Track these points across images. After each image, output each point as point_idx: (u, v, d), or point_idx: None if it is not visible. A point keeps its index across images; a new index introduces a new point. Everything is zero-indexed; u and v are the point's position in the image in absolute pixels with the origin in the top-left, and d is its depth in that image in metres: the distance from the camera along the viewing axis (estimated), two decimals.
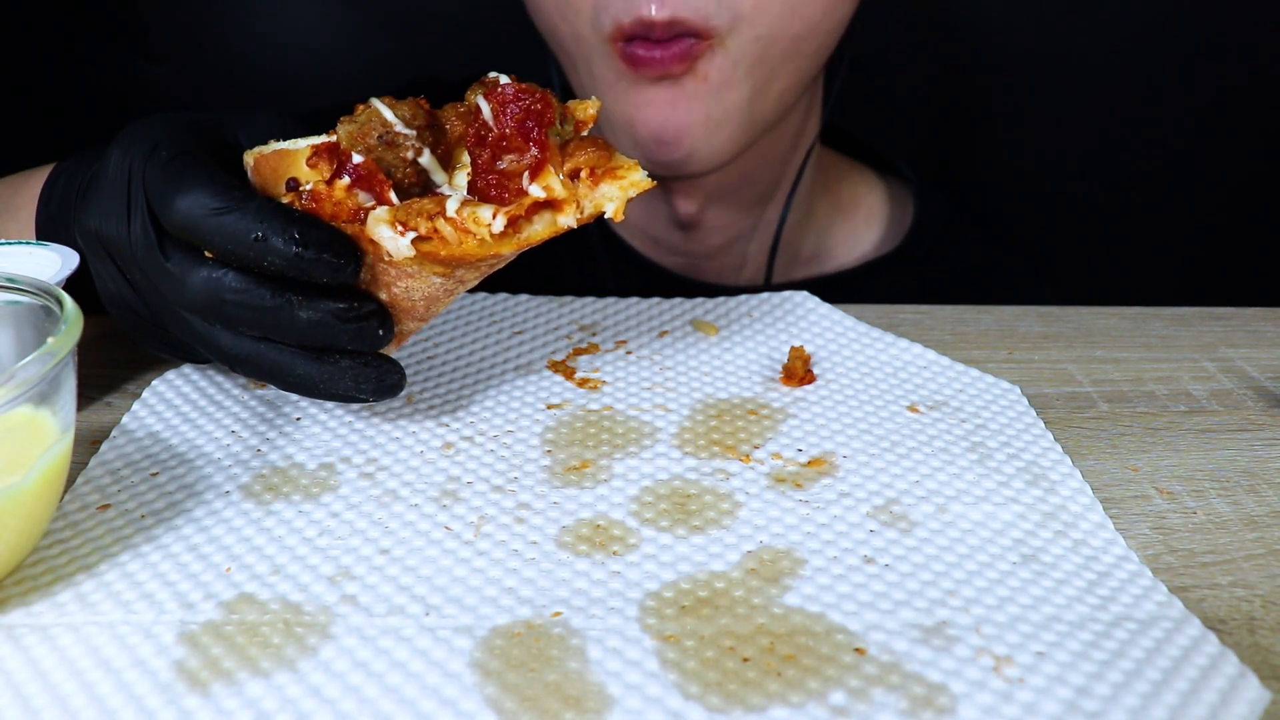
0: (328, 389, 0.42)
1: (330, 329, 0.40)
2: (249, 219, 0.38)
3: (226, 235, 0.38)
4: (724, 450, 0.45)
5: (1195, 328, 0.58)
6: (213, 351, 0.42)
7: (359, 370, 0.42)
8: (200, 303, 0.40)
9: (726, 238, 0.70)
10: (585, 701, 0.32)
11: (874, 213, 0.75)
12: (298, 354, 0.41)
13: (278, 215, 0.39)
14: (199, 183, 0.39)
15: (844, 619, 0.36)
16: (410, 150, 0.40)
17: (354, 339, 0.41)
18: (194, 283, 0.40)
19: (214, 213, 0.38)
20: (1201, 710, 0.32)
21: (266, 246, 0.38)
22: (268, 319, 0.40)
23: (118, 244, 0.42)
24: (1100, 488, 0.44)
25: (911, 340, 0.54)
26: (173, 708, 0.32)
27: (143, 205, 0.41)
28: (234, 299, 0.39)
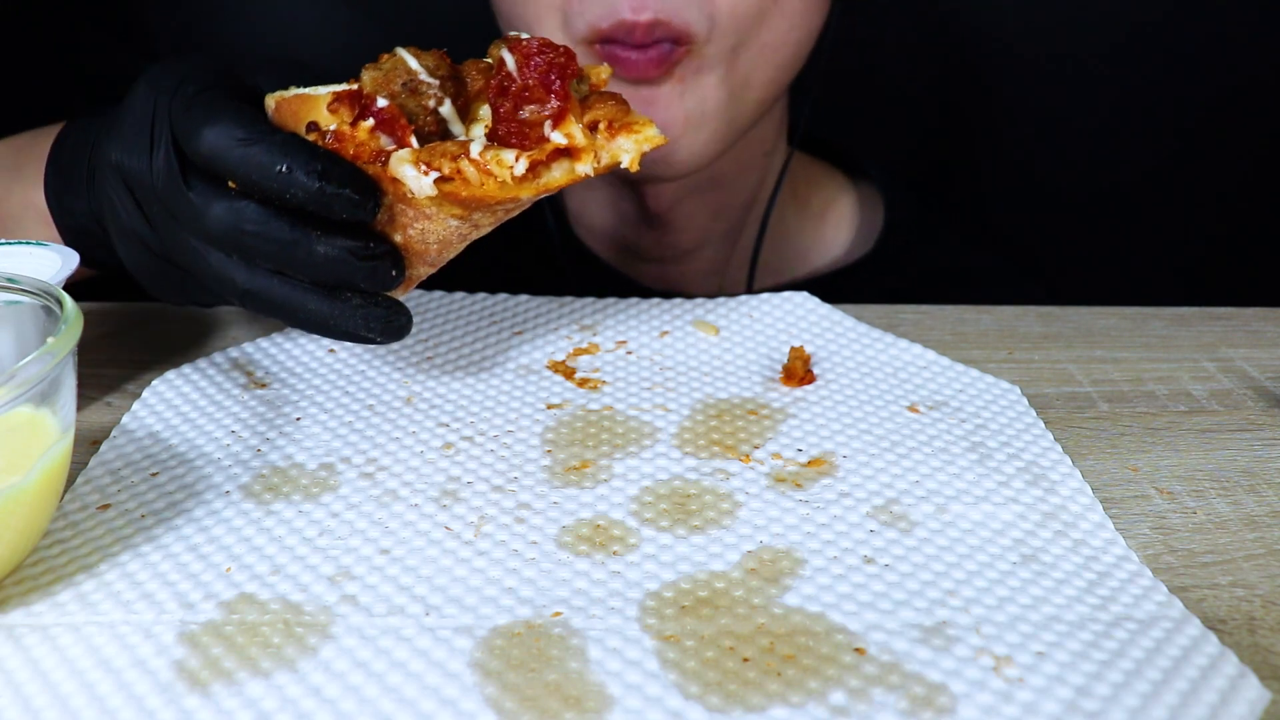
0: (337, 326, 0.42)
1: (345, 266, 0.41)
2: (275, 151, 0.39)
3: (252, 166, 0.39)
4: (724, 450, 0.45)
5: (1195, 328, 0.58)
6: (225, 287, 0.42)
7: (369, 310, 0.42)
8: (220, 233, 0.41)
9: (697, 239, 0.70)
10: (585, 701, 0.32)
11: (844, 217, 0.75)
12: (310, 291, 0.42)
13: (302, 149, 0.39)
14: (227, 115, 0.40)
15: (844, 619, 0.36)
16: (432, 99, 0.41)
17: (367, 278, 0.42)
18: (215, 213, 0.40)
19: (241, 143, 0.39)
20: (1201, 710, 0.32)
21: (290, 179, 0.39)
22: (285, 252, 0.40)
23: (139, 176, 0.43)
24: (1100, 488, 0.44)
25: (911, 340, 0.54)
26: (173, 708, 0.32)
27: (167, 137, 0.42)
28: (254, 230, 0.40)
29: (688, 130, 0.59)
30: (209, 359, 0.51)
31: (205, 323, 0.56)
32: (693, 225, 0.69)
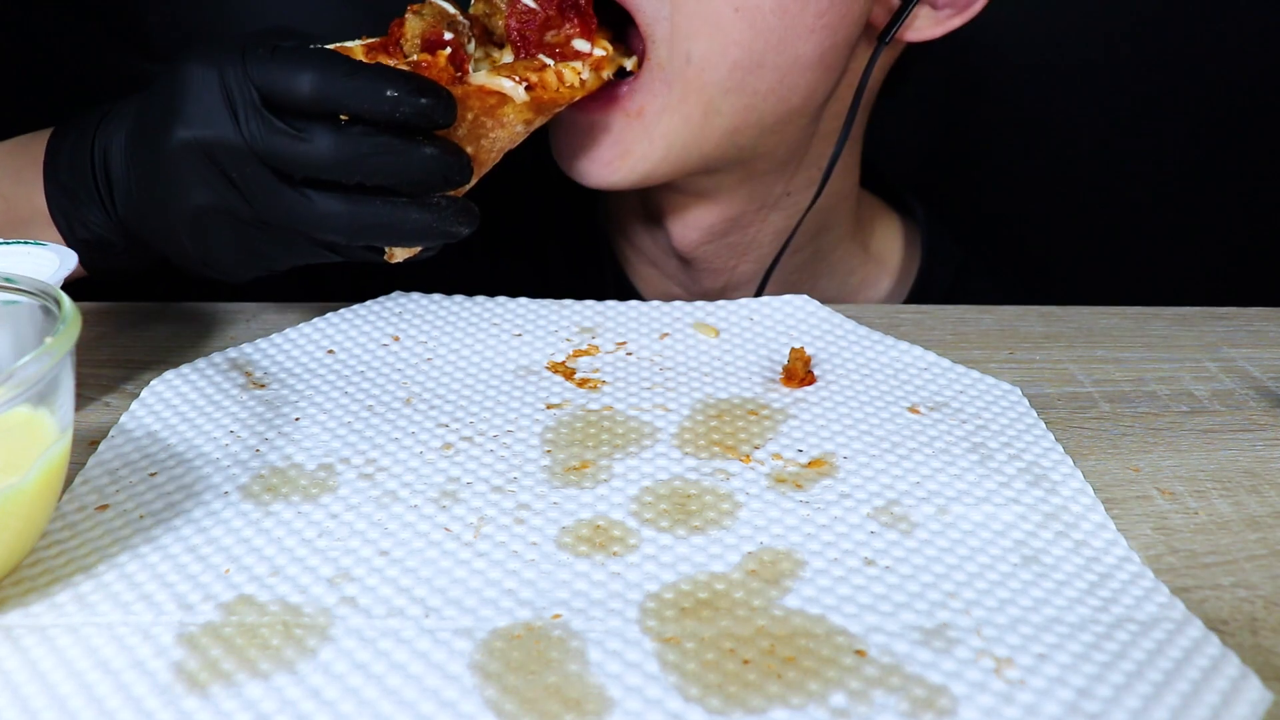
0: (438, 229, 0.47)
1: (443, 162, 0.46)
2: (381, 78, 0.44)
3: (365, 94, 0.44)
4: (724, 451, 0.45)
5: (1197, 328, 0.58)
6: (329, 225, 0.46)
7: (455, 208, 0.48)
8: (339, 160, 0.44)
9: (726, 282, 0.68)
10: (585, 704, 0.32)
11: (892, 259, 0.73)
12: (410, 205, 0.46)
13: (396, 73, 0.45)
14: (320, 57, 0.44)
15: (845, 621, 0.35)
16: (466, 38, 0.50)
17: (460, 170, 0.47)
18: (331, 144, 0.44)
19: (348, 75, 0.44)
20: (1203, 711, 0.32)
21: (399, 99, 0.44)
22: (399, 161, 0.45)
23: (224, 144, 0.45)
24: (1102, 488, 0.44)
25: (912, 341, 0.54)
26: (171, 709, 0.31)
27: (250, 98, 0.44)
28: (370, 149, 0.44)
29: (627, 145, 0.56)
30: (208, 359, 0.51)
31: (204, 323, 0.56)
32: (721, 266, 0.67)
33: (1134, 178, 0.96)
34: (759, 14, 0.53)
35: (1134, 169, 0.96)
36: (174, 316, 0.57)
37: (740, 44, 0.53)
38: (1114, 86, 0.92)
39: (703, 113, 0.55)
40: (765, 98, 0.56)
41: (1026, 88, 0.93)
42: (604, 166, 0.57)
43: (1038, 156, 0.96)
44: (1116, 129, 0.94)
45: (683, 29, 0.53)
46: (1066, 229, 0.99)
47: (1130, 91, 0.93)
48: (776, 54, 0.54)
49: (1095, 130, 0.94)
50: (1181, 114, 0.93)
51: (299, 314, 0.56)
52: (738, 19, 0.53)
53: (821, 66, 0.56)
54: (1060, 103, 0.94)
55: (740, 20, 0.53)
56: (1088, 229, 0.99)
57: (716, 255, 0.66)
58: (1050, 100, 0.94)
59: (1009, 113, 0.95)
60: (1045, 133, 0.95)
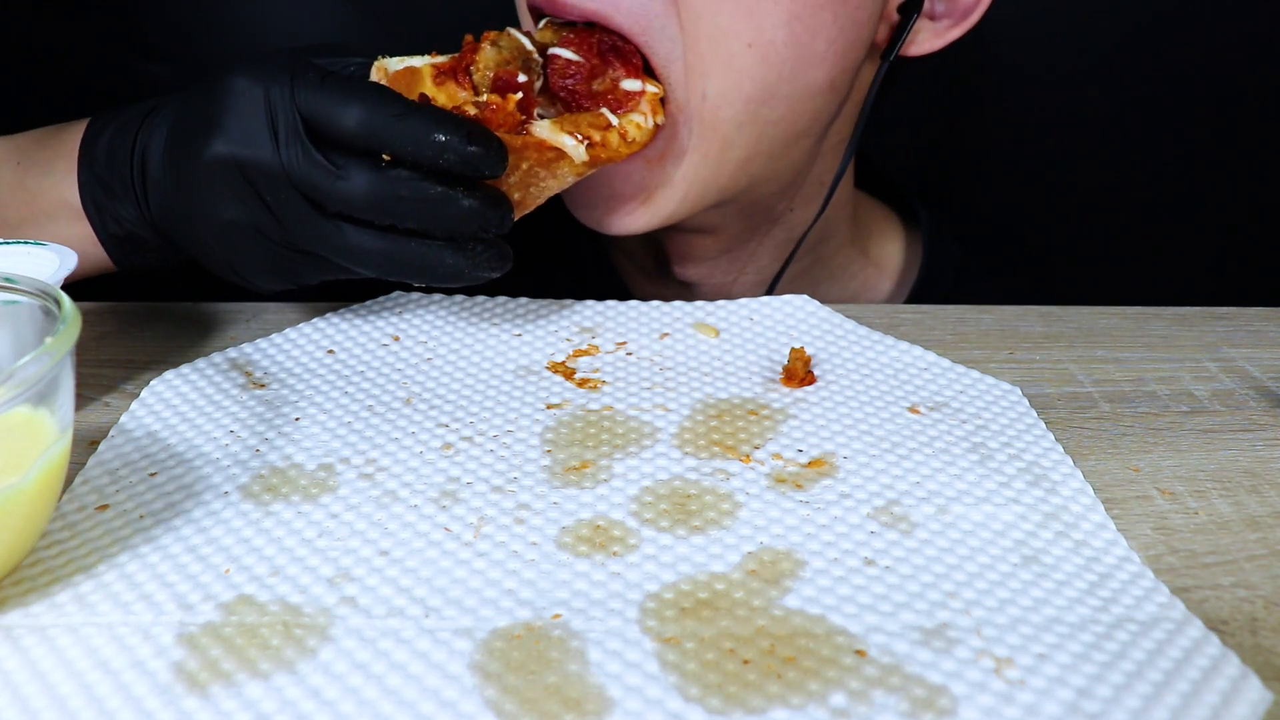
0: (470, 274, 0.47)
1: (482, 215, 0.45)
2: (429, 121, 0.44)
3: (409, 137, 0.43)
4: (724, 450, 0.45)
5: (1197, 327, 0.58)
6: (358, 258, 0.46)
7: (489, 253, 0.47)
8: (372, 202, 0.44)
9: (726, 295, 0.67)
10: (585, 704, 0.32)
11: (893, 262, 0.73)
12: (444, 248, 0.46)
13: (450, 118, 0.44)
14: (370, 93, 0.44)
15: (845, 621, 0.35)
16: (536, 76, 0.49)
17: (498, 223, 0.46)
18: (368, 183, 0.44)
19: (397, 116, 0.43)
20: (1203, 711, 0.32)
21: (446, 145, 0.43)
22: (435, 209, 0.45)
23: (264, 165, 0.44)
24: (1102, 488, 0.44)
25: (912, 341, 0.54)
26: (171, 709, 0.31)
27: (293, 124, 0.44)
28: (408, 193, 0.44)
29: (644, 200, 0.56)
30: (208, 359, 0.51)
31: (204, 323, 0.56)
32: (722, 280, 0.67)
33: (1134, 178, 0.96)
34: (771, 48, 0.52)
35: (1134, 169, 0.96)
36: (174, 316, 0.57)
37: (754, 78, 0.53)
38: (1114, 87, 0.92)
39: (719, 149, 0.55)
40: (776, 125, 0.55)
41: (1026, 89, 0.93)
42: (626, 216, 0.56)
43: (1037, 157, 0.96)
44: (1116, 129, 0.94)
45: (697, 68, 0.52)
46: (1066, 229, 0.99)
47: (1130, 92, 0.93)
48: (789, 84, 0.54)
49: (1095, 130, 0.94)
50: (1181, 114, 0.93)
51: (299, 314, 0.56)
52: (750, 54, 0.52)
53: (831, 91, 0.56)
54: (1060, 103, 0.94)
55: (753, 55, 0.52)
56: (1088, 229, 0.99)
57: (717, 272, 0.66)
58: (1050, 101, 0.94)
59: (1009, 113, 0.95)
60: (1045, 133, 0.95)
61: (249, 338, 0.54)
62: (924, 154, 0.97)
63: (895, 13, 0.58)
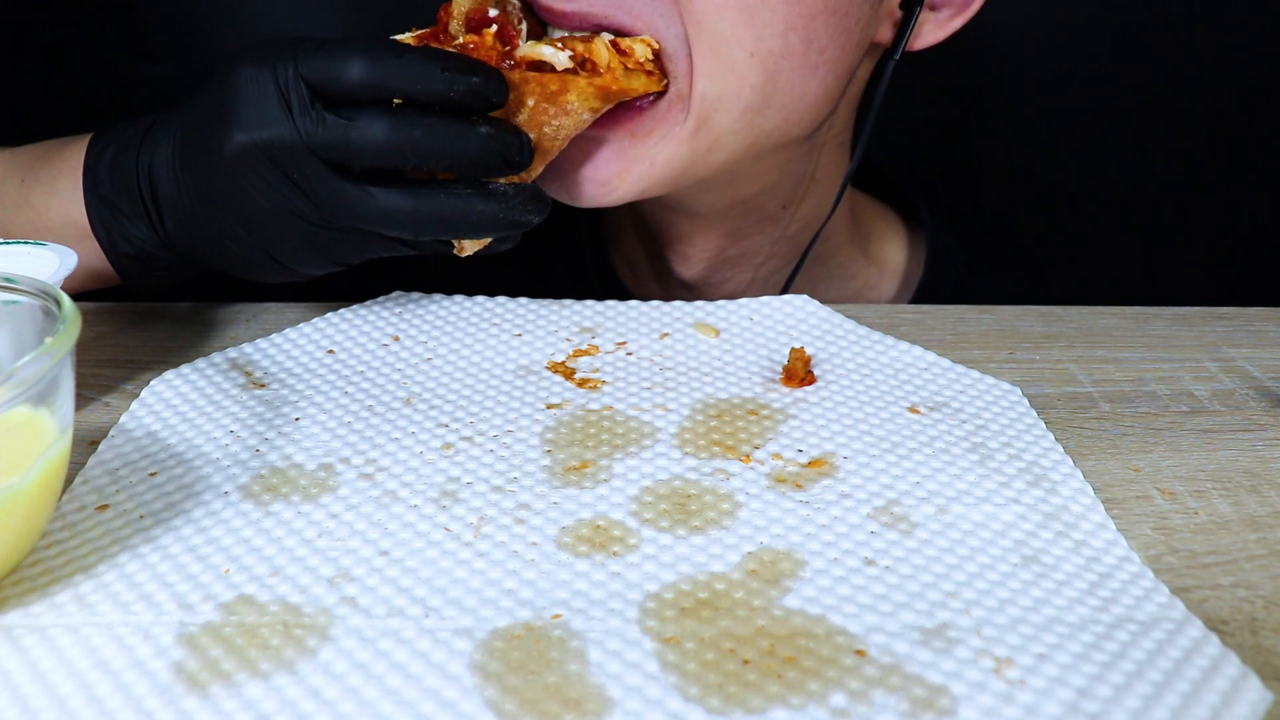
0: (505, 218, 0.47)
1: (501, 141, 0.46)
2: (428, 57, 0.44)
3: (416, 73, 0.44)
4: (724, 450, 0.45)
5: (1197, 327, 0.58)
6: (393, 221, 0.46)
7: (522, 195, 0.47)
8: (394, 143, 0.44)
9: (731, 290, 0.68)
10: (585, 704, 0.32)
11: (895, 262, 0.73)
12: (474, 195, 0.46)
13: (446, 53, 0.45)
14: (366, 44, 0.44)
15: (845, 621, 0.35)
16: (516, 18, 0.48)
17: (519, 150, 0.46)
18: (383, 128, 0.44)
19: (398, 56, 0.44)
20: (1203, 712, 0.32)
21: (451, 78, 0.44)
22: (454, 142, 0.45)
23: (282, 143, 0.44)
24: (1102, 488, 0.44)
25: (912, 341, 0.54)
26: (171, 709, 0.31)
27: (303, 94, 0.44)
28: (424, 131, 0.44)
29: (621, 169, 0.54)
30: (207, 359, 0.51)
31: (204, 323, 0.56)
32: (725, 281, 0.67)
33: (1134, 178, 0.96)
34: (770, 58, 0.52)
35: (1134, 169, 0.96)
36: (174, 316, 0.57)
37: (754, 87, 0.53)
38: (1114, 87, 0.92)
39: (707, 147, 0.54)
40: (770, 135, 0.55)
41: (1026, 88, 0.93)
42: (600, 185, 0.55)
43: (1037, 157, 0.96)
44: (1117, 129, 0.94)
45: (700, 69, 0.52)
46: (1067, 229, 0.99)
47: (1131, 92, 0.93)
48: (785, 95, 0.54)
49: (1095, 131, 0.94)
50: (1182, 114, 0.93)
51: (299, 314, 0.56)
52: (752, 63, 0.52)
53: (826, 99, 0.56)
54: (1060, 103, 0.94)
55: (754, 64, 0.52)
56: (1088, 229, 0.99)
57: (715, 272, 0.66)
58: (1050, 101, 0.94)
59: (1009, 113, 0.95)
60: (1045, 133, 0.95)
61: (249, 338, 0.54)
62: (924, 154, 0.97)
63: (898, 9, 0.58)
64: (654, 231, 0.65)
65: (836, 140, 0.63)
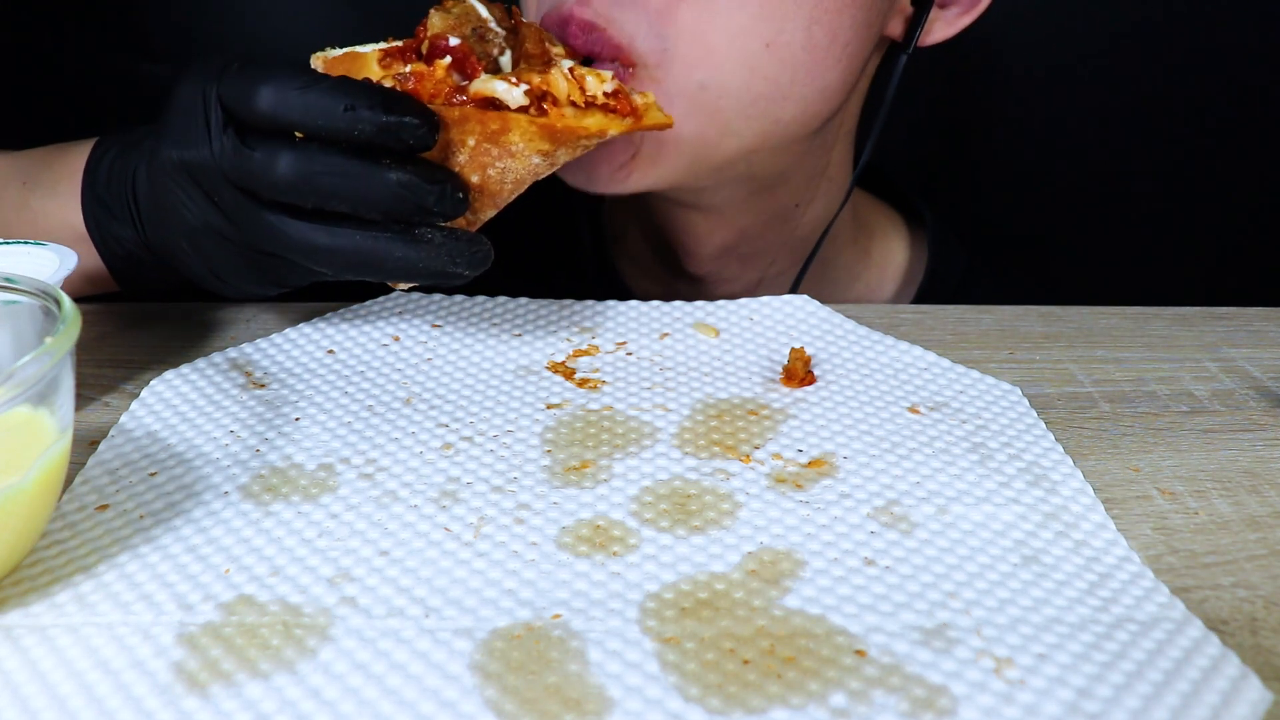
0: (426, 268, 0.44)
1: (416, 189, 0.42)
2: (337, 91, 0.41)
3: (317, 109, 0.41)
4: (724, 450, 0.45)
5: (1197, 327, 0.58)
6: (310, 255, 0.43)
7: (451, 245, 0.44)
8: (292, 181, 0.41)
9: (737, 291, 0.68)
10: (585, 704, 0.32)
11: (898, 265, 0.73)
12: (394, 239, 0.43)
13: (361, 86, 0.41)
14: (279, 70, 0.42)
15: (844, 621, 0.35)
16: (495, 48, 0.45)
17: (439, 200, 0.43)
18: (284, 163, 0.41)
19: (301, 90, 0.41)
20: (1203, 711, 0.32)
21: (356, 115, 0.41)
22: (359, 185, 0.42)
23: (203, 164, 0.44)
24: (1102, 488, 0.44)
25: (912, 341, 0.54)
26: (171, 709, 0.31)
27: (220, 115, 0.43)
28: (325, 169, 0.41)
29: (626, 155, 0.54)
30: (207, 359, 0.51)
31: (204, 323, 0.56)
32: (731, 279, 0.67)
33: (1134, 178, 0.96)
34: (789, 50, 0.52)
35: (1134, 169, 0.96)
36: (174, 316, 0.57)
37: (769, 78, 0.53)
38: (1114, 87, 0.93)
39: (718, 133, 0.54)
40: (788, 126, 0.55)
41: (1026, 88, 0.93)
42: (616, 170, 0.54)
43: (1038, 157, 0.96)
44: (1117, 129, 0.94)
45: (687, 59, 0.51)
46: (1066, 229, 0.99)
47: (1131, 92, 0.93)
48: (804, 85, 0.54)
49: (1095, 131, 0.94)
50: (1182, 114, 0.93)
51: (299, 314, 0.56)
52: (768, 54, 0.52)
53: (843, 90, 0.57)
54: (1060, 103, 0.94)
55: (771, 56, 0.52)
56: (1088, 229, 0.99)
57: (726, 268, 0.66)
58: (1050, 101, 0.94)
59: (1009, 113, 0.95)
60: (1045, 133, 0.95)
61: (249, 338, 0.54)
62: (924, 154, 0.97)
63: (909, 5, 0.58)
64: (665, 230, 0.65)
65: (847, 136, 0.64)
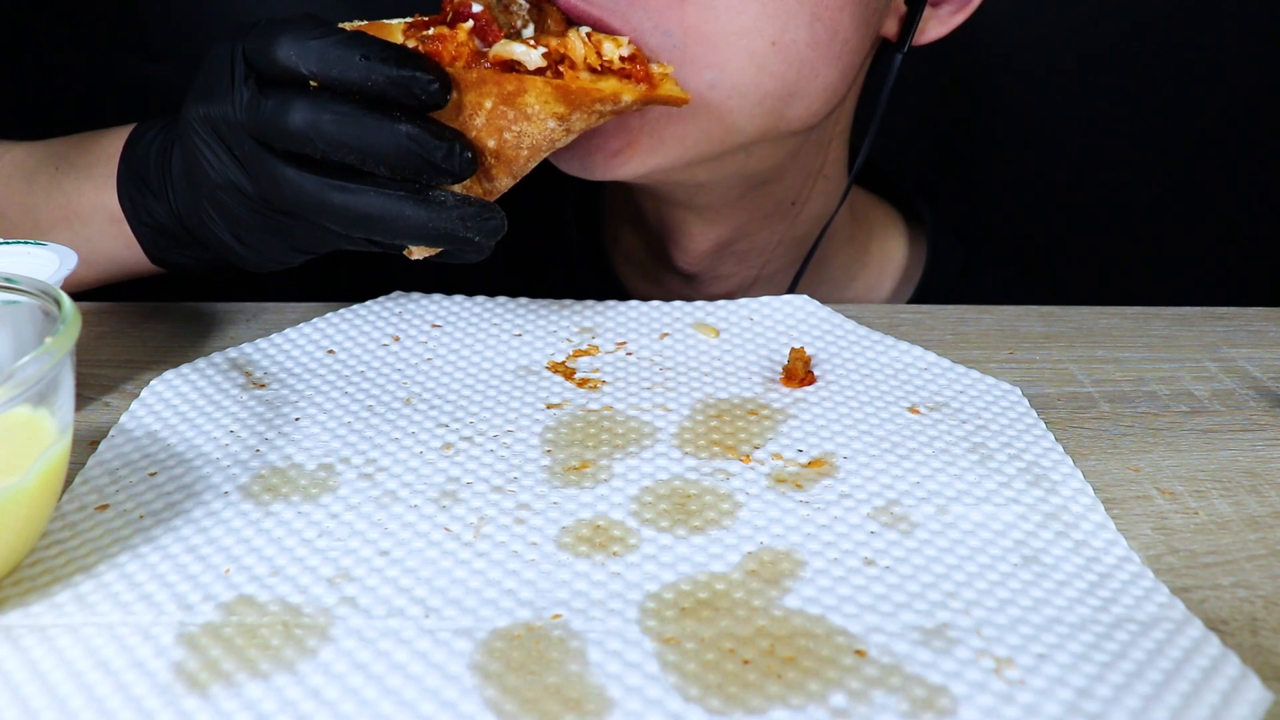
0: (437, 229, 0.43)
1: (425, 143, 0.42)
2: (352, 42, 0.41)
3: (331, 58, 0.41)
4: (724, 450, 0.45)
5: (1197, 327, 0.58)
6: (324, 212, 0.44)
7: (463, 209, 0.44)
8: (302, 127, 0.42)
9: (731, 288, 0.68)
10: (585, 704, 0.32)
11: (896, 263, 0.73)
12: (405, 198, 0.43)
13: (376, 41, 0.42)
14: (299, 22, 0.42)
15: (844, 621, 0.35)
16: (519, 19, 0.45)
17: (446, 157, 0.43)
18: (296, 109, 0.42)
19: (318, 37, 0.41)
20: (1203, 712, 0.32)
21: (370, 65, 0.41)
22: (369, 135, 0.42)
23: (224, 117, 0.44)
24: (1102, 488, 0.44)
25: (912, 341, 0.54)
26: (171, 709, 0.31)
27: (243, 69, 0.44)
28: (335, 117, 0.42)
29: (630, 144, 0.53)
30: (207, 359, 0.51)
31: (204, 323, 0.56)
32: (725, 276, 0.67)
33: (1134, 178, 0.96)
34: (795, 48, 0.52)
35: (1134, 169, 0.96)
36: (174, 316, 0.57)
37: (775, 75, 0.52)
38: (1115, 87, 0.92)
39: (723, 131, 0.54)
40: (792, 123, 0.55)
41: (1026, 88, 0.93)
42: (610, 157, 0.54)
43: (1037, 157, 0.96)
44: (1117, 129, 0.94)
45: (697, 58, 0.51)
46: (1066, 229, 0.99)
47: (1131, 92, 0.93)
48: (809, 82, 0.54)
49: (1095, 130, 0.94)
50: (1182, 114, 0.93)
51: (299, 314, 0.56)
52: (774, 52, 0.52)
53: (844, 87, 0.57)
54: (1060, 103, 0.94)
55: (778, 54, 0.52)
56: (1088, 229, 0.99)
57: (720, 264, 0.66)
58: (1050, 100, 0.94)
59: (1009, 113, 0.95)
60: (1045, 133, 0.95)
61: (249, 338, 0.54)
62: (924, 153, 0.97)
63: (903, 4, 0.58)
64: (659, 227, 0.65)
65: (842, 135, 0.64)
